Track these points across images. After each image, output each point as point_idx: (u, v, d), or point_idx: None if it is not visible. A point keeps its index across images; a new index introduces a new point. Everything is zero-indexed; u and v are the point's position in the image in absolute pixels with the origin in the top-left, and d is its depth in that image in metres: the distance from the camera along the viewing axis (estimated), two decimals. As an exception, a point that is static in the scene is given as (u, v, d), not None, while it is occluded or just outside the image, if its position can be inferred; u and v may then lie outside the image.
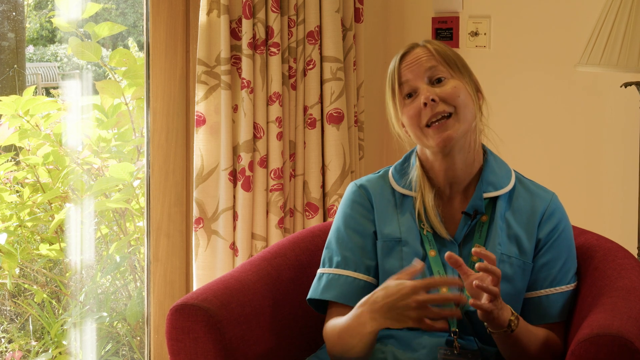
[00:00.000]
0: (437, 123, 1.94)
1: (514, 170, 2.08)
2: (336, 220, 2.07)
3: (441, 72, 1.96)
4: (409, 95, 1.97)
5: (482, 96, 2.03)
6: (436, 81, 1.96)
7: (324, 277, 2.02)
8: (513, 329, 1.88)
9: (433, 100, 1.93)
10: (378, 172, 2.11)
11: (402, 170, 2.06)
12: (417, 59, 1.97)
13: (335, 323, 1.95)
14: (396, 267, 1.98)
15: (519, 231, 2.01)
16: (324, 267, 2.04)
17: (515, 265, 1.99)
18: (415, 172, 2.03)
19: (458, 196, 2.03)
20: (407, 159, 2.08)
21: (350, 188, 2.09)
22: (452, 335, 1.95)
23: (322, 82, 2.98)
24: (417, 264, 1.84)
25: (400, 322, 1.80)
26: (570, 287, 2.02)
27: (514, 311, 1.90)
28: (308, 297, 2.04)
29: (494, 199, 2.02)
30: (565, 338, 2.01)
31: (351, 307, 1.96)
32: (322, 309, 2.06)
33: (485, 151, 2.06)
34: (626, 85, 2.61)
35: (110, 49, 3.24)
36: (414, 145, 2.07)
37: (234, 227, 2.90)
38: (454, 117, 1.94)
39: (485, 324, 1.89)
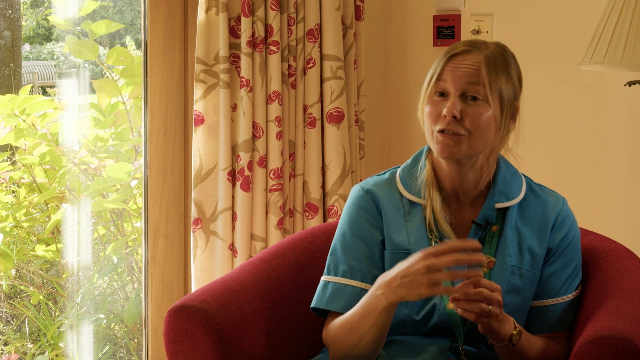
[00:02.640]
0: (446, 135, 1.90)
1: (524, 176, 2.05)
2: (341, 225, 2.03)
3: (478, 93, 1.90)
4: (441, 94, 1.92)
5: (514, 123, 1.97)
6: (470, 97, 1.90)
7: (330, 285, 1.99)
8: (515, 344, 1.87)
9: (454, 117, 1.89)
10: (384, 174, 2.06)
11: (411, 175, 2.02)
12: (464, 67, 1.90)
13: (342, 317, 1.92)
14: None
15: (531, 240, 1.99)
16: (329, 274, 2.01)
17: (525, 277, 1.97)
18: (424, 177, 1.99)
19: (468, 204, 2.00)
20: (416, 161, 2.04)
21: (356, 192, 2.04)
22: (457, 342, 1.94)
23: (322, 81, 2.97)
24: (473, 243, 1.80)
25: (413, 290, 1.77)
26: (576, 294, 2.02)
27: (517, 324, 1.89)
28: (312, 305, 2.01)
29: (505, 209, 1.99)
30: (568, 341, 2.00)
31: None
32: (325, 314, 2.03)
33: (497, 159, 2.02)
34: (630, 84, 2.60)
35: (107, 47, 3.24)
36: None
37: (233, 228, 2.88)
38: (465, 138, 1.90)
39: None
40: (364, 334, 1.86)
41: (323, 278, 2.02)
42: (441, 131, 1.90)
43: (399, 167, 2.06)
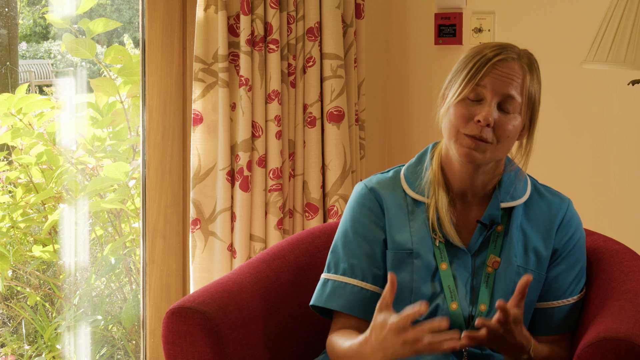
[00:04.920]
0: (474, 140, 1.88)
1: (529, 176, 2.04)
2: (343, 223, 2.02)
3: (514, 106, 1.89)
4: (475, 96, 1.89)
5: (531, 130, 1.96)
6: (504, 107, 1.89)
7: (329, 283, 1.98)
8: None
9: (488, 125, 1.87)
10: (388, 172, 2.04)
11: (415, 173, 2.00)
12: (507, 76, 1.88)
13: (338, 344, 1.91)
14: (407, 281, 1.94)
15: (537, 241, 1.97)
16: (329, 272, 1.99)
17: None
18: (428, 175, 1.98)
19: (473, 204, 1.98)
20: (421, 159, 2.02)
21: (359, 189, 2.02)
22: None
23: (322, 80, 2.96)
24: (421, 307, 1.74)
25: (402, 355, 1.75)
26: (580, 296, 2.01)
27: (530, 339, 1.87)
28: (311, 303, 2.00)
29: (510, 209, 1.98)
30: (572, 343, 1.99)
31: (357, 318, 1.95)
32: (326, 312, 2.02)
33: (504, 160, 2.01)
34: (634, 82, 2.58)
35: (105, 46, 3.24)
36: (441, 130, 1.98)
37: (232, 229, 2.87)
38: (491, 147, 1.89)
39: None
40: None
41: (323, 275, 2.01)
42: (470, 136, 1.88)
43: (404, 165, 2.05)
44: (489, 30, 3.11)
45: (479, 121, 1.86)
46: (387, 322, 1.74)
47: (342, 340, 1.90)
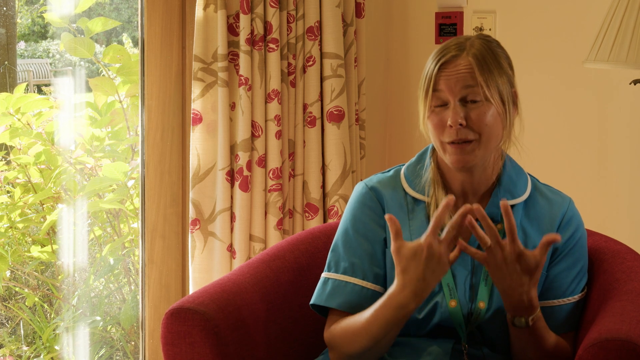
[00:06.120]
0: (458, 145, 1.88)
1: (530, 175, 2.04)
2: (344, 222, 2.01)
3: (477, 95, 1.88)
4: (441, 103, 1.90)
5: (517, 110, 1.96)
6: (470, 101, 1.88)
7: (330, 282, 1.97)
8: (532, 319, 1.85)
9: (460, 124, 1.87)
10: (388, 172, 2.05)
11: (415, 172, 2.00)
12: (457, 72, 1.88)
13: (353, 320, 1.90)
14: None
15: (537, 240, 1.96)
16: (329, 271, 1.99)
17: None
18: (428, 175, 1.98)
19: (474, 202, 1.97)
20: (421, 158, 2.02)
21: (360, 189, 2.03)
22: (461, 344, 1.92)
23: (322, 79, 2.96)
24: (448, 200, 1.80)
25: (441, 273, 1.79)
26: (581, 295, 2.00)
27: (538, 310, 1.86)
28: (312, 302, 2.00)
29: (510, 207, 1.96)
30: (574, 343, 1.98)
31: None
32: (326, 311, 2.02)
33: (504, 158, 2.01)
34: (635, 82, 2.58)
35: (103, 45, 3.24)
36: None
37: (232, 229, 2.87)
38: (476, 143, 1.88)
39: (513, 318, 1.86)
40: (385, 335, 1.84)
41: (323, 275, 2.00)
42: (451, 142, 1.88)
43: (404, 164, 2.05)
44: (489, 29, 3.10)
45: (451, 126, 1.87)
46: (417, 245, 1.77)
47: (354, 318, 1.89)
